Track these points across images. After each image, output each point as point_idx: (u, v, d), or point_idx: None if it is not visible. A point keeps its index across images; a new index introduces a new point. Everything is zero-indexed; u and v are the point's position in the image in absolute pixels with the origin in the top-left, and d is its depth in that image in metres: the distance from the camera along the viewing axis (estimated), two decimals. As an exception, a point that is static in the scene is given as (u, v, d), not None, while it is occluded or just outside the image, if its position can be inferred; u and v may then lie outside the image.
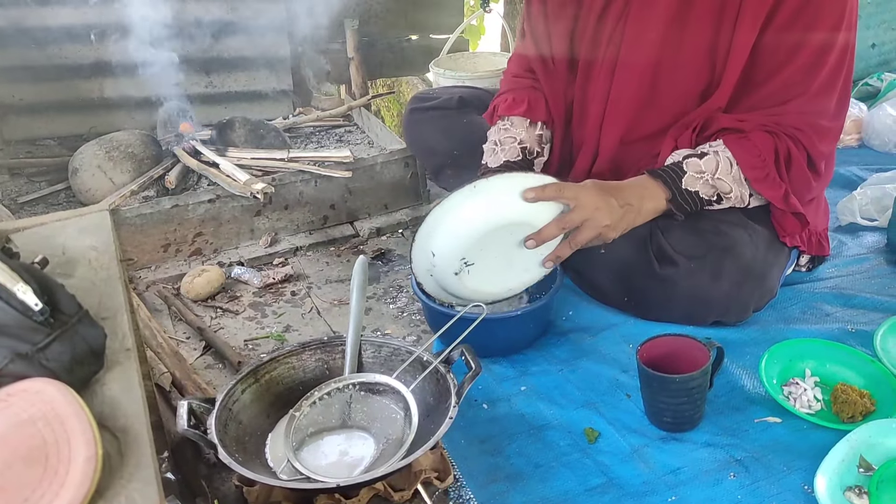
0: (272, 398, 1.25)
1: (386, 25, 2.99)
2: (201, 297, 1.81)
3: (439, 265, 1.37)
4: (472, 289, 1.40)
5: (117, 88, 2.55)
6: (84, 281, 1.04)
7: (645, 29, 1.47)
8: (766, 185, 1.42)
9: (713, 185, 1.42)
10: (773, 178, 1.42)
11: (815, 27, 1.37)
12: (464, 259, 1.35)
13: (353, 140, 2.53)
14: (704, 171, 1.41)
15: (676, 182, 1.41)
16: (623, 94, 1.53)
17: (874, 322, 1.46)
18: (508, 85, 1.74)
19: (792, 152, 1.42)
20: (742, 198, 1.44)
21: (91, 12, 2.44)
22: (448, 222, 1.32)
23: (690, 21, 1.43)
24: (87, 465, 0.72)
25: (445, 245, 1.34)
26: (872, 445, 1.13)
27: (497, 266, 1.39)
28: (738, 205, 1.45)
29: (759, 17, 1.38)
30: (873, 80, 2.76)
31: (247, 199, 2.00)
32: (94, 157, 2.13)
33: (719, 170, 1.41)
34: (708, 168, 1.41)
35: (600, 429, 1.28)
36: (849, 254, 1.79)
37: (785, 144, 1.41)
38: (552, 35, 1.64)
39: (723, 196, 1.43)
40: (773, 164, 1.41)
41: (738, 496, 1.13)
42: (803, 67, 1.40)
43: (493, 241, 1.34)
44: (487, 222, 1.31)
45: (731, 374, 1.38)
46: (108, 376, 0.88)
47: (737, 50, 1.41)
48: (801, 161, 1.43)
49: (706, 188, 1.42)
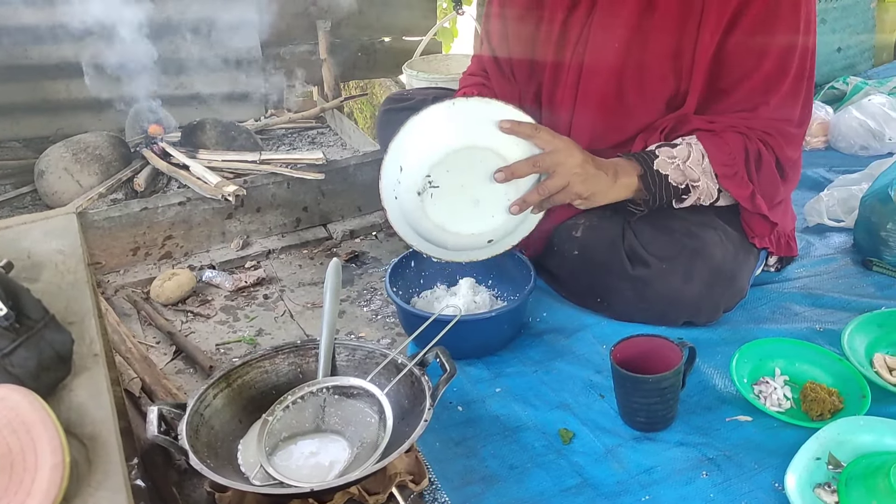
0: (244, 403, 1.24)
1: (358, 27, 2.98)
2: (172, 301, 1.78)
3: (404, 182, 1.33)
4: (436, 223, 1.35)
5: (84, 89, 2.51)
6: (50, 285, 1.02)
7: (609, 35, 1.47)
8: (734, 182, 1.44)
9: (683, 172, 1.42)
10: (741, 176, 1.43)
11: (777, 33, 1.39)
12: (429, 177, 1.31)
13: (325, 142, 2.52)
14: (676, 157, 1.42)
15: (648, 162, 1.42)
16: (590, 102, 1.53)
17: (842, 321, 1.48)
18: (463, 83, 1.77)
19: (762, 154, 1.44)
20: (710, 192, 1.45)
21: (57, 12, 2.40)
22: (419, 133, 1.31)
23: (653, 27, 1.44)
24: (54, 473, 0.71)
25: (414, 158, 1.31)
26: (841, 443, 1.15)
27: (462, 201, 1.35)
28: (706, 199, 1.46)
29: (720, 23, 1.39)
30: (839, 84, 2.81)
31: (218, 201, 1.98)
32: (61, 159, 2.10)
33: (690, 158, 1.42)
34: (680, 155, 1.42)
35: (574, 429, 1.29)
36: (816, 254, 1.82)
37: (755, 146, 1.43)
38: (510, 38, 1.65)
39: (691, 186, 1.44)
40: (742, 164, 1.43)
41: (711, 494, 1.14)
42: (769, 74, 1.42)
43: (461, 164, 1.31)
44: (458, 139, 1.29)
45: (702, 374, 1.39)
46: (75, 382, 0.86)
47: (701, 56, 1.42)
48: (770, 163, 1.45)
49: (676, 174, 1.42)
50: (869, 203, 1.76)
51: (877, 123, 2.37)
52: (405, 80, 2.79)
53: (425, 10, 3.09)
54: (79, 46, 2.44)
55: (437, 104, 1.30)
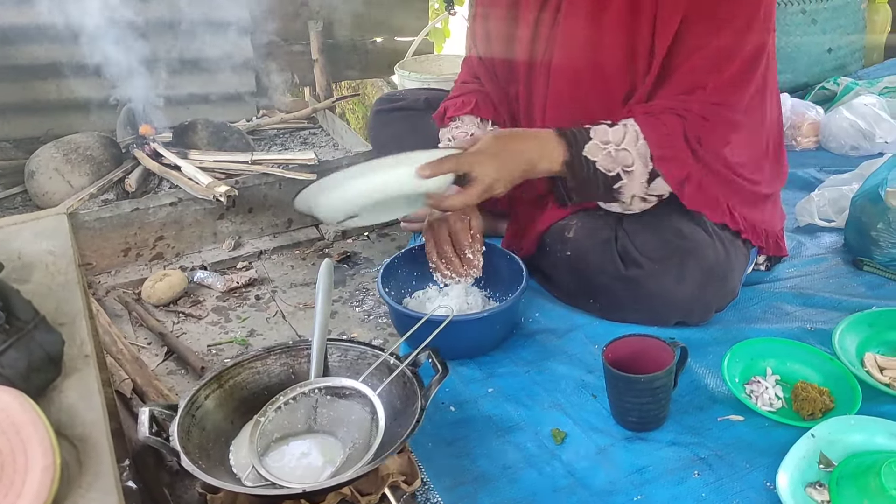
0: (236, 404, 1.23)
1: (350, 27, 2.98)
2: (163, 302, 1.78)
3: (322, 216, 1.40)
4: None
5: (75, 90, 2.50)
6: (41, 286, 1.02)
7: (573, 35, 1.48)
8: (672, 165, 1.41)
9: (615, 158, 1.40)
10: (682, 159, 1.41)
11: (731, 17, 1.37)
12: (350, 215, 1.37)
13: (317, 142, 2.51)
14: (610, 142, 1.40)
15: (579, 146, 1.41)
16: (559, 97, 1.54)
17: (832, 321, 1.48)
18: (457, 90, 1.76)
19: (703, 137, 1.41)
20: (641, 178, 1.42)
21: (48, 12, 2.39)
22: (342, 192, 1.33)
23: (608, 24, 1.43)
24: (45, 474, 0.70)
25: (332, 207, 1.35)
26: (832, 442, 1.15)
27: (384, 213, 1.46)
28: (637, 190, 1.43)
29: (675, 20, 1.38)
30: (830, 84, 2.81)
31: (209, 202, 1.97)
32: (52, 159, 2.09)
33: (625, 140, 1.40)
34: (614, 138, 1.40)
35: (567, 429, 1.29)
36: (807, 254, 1.83)
37: (695, 129, 1.40)
38: (491, 39, 1.66)
39: (623, 172, 1.41)
40: (682, 145, 1.40)
41: (703, 494, 1.14)
42: (715, 54, 1.38)
43: (385, 204, 1.36)
44: (381, 193, 1.32)
45: (694, 374, 1.39)
46: (65, 383, 0.86)
47: (659, 53, 1.41)
48: (715, 145, 1.42)
49: (606, 161, 1.40)
50: (859, 203, 1.77)
51: (867, 124, 2.38)
52: (397, 80, 2.79)
53: (417, 10, 3.09)
54: (69, 47, 2.42)
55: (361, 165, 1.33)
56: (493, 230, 1.81)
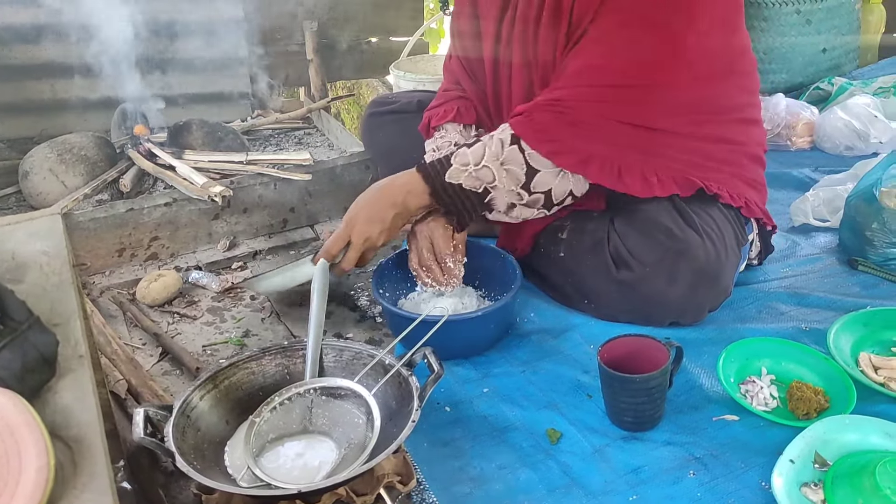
0: (231, 404, 1.23)
1: (345, 28, 2.98)
2: (158, 303, 1.77)
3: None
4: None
5: (69, 90, 2.50)
6: (35, 287, 1.01)
7: (523, 33, 1.51)
8: (565, 156, 1.42)
9: (476, 177, 1.44)
10: (570, 146, 1.41)
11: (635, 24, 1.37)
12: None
13: (312, 142, 2.51)
14: (469, 163, 1.44)
15: (440, 176, 1.45)
16: (518, 96, 1.56)
17: (827, 320, 1.49)
18: (440, 98, 1.77)
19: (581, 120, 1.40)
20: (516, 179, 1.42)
21: (42, 12, 2.39)
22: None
23: (543, 25, 1.46)
24: (39, 475, 0.70)
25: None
26: (827, 442, 1.15)
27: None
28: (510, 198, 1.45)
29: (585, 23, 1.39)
30: (824, 84, 2.82)
31: (204, 202, 1.97)
32: (46, 159, 2.08)
33: (485, 156, 1.43)
34: (473, 159, 1.43)
35: (562, 429, 1.29)
36: (802, 254, 1.83)
37: (570, 116, 1.40)
38: (464, 37, 1.69)
39: (488, 187, 1.44)
40: (566, 136, 1.41)
41: (698, 494, 1.15)
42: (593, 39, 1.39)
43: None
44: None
45: (689, 374, 1.40)
46: (60, 384, 0.86)
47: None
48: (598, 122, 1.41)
49: (470, 181, 1.44)
50: (854, 203, 1.78)
51: (861, 124, 2.39)
52: (392, 80, 2.79)
53: (412, 10, 3.09)
54: (64, 46, 2.42)
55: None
56: (487, 230, 1.81)
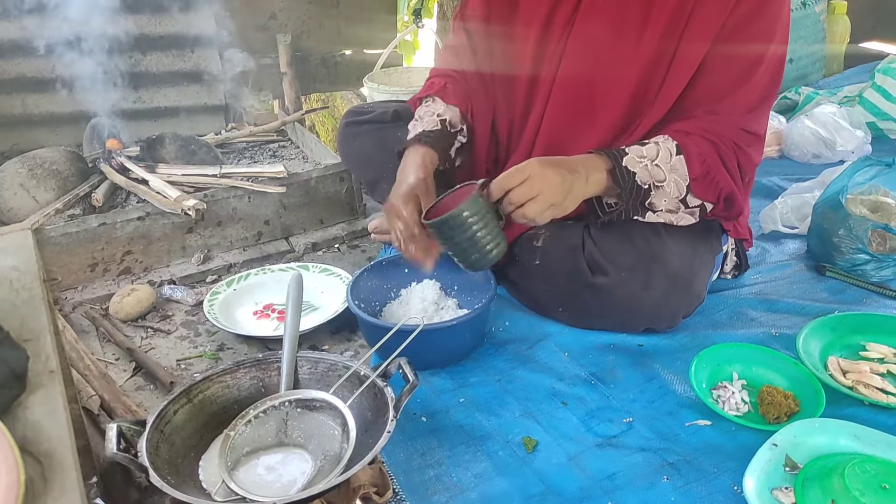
0: (206, 418, 1.23)
1: (319, 40, 2.99)
2: (131, 318, 1.76)
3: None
4: None
5: (40, 104, 2.48)
6: (5, 303, 1.00)
7: (587, 44, 1.49)
8: (705, 184, 1.44)
9: (650, 172, 1.42)
10: (712, 179, 1.44)
11: (754, 39, 1.42)
12: None
13: (287, 155, 2.51)
14: (645, 156, 1.42)
15: (618, 159, 1.42)
16: (560, 112, 1.55)
17: (796, 326, 1.51)
18: (431, 74, 1.75)
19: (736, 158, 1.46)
20: (679, 190, 1.44)
21: (13, 26, 2.37)
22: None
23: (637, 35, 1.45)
24: (9, 491, 0.69)
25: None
26: (797, 445, 1.17)
27: None
28: (674, 206, 1.46)
29: (713, 29, 1.40)
30: (791, 94, 2.87)
31: (178, 216, 1.96)
32: (16, 174, 2.06)
33: (659, 157, 1.43)
34: (649, 154, 1.43)
35: (538, 437, 1.29)
36: (772, 260, 1.86)
37: (728, 150, 1.44)
38: (487, 52, 1.65)
39: (655, 185, 1.43)
40: (717, 166, 1.43)
41: (672, 498, 1.16)
42: (736, 78, 1.43)
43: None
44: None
45: (662, 380, 1.41)
46: (30, 399, 0.85)
47: (682, 64, 1.43)
48: (748, 168, 1.49)
49: (644, 173, 1.42)
50: (821, 210, 1.81)
51: (828, 132, 2.44)
52: (366, 92, 2.80)
53: (386, 23, 3.10)
54: (35, 61, 2.40)
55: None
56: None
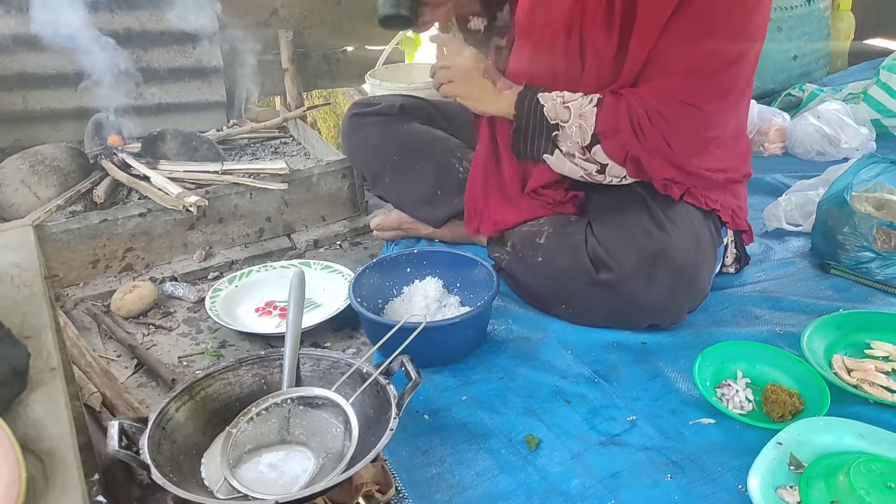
0: (208, 415, 1.22)
1: (321, 36, 2.98)
2: (133, 314, 1.76)
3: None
4: None
5: (42, 100, 2.47)
6: (6, 299, 1.00)
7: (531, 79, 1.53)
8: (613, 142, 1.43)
9: (556, 110, 1.46)
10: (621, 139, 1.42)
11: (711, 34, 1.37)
12: None
13: (288, 152, 2.50)
14: (563, 98, 1.46)
15: (535, 90, 1.50)
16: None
17: (801, 324, 1.51)
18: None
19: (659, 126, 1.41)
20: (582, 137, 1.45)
21: (13, 21, 2.36)
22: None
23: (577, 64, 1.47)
24: (10, 490, 0.69)
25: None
26: (802, 443, 1.16)
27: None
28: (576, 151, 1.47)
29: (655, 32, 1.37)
30: (795, 91, 2.86)
31: (179, 212, 1.95)
32: (18, 171, 2.05)
33: (575, 101, 1.45)
34: (569, 98, 1.46)
35: (541, 435, 1.29)
36: (776, 258, 1.85)
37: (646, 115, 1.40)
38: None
39: (561, 124, 1.46)
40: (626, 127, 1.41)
41: (675, 497, 1.15)
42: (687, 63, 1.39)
43: None
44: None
45: (666, 378, 1.41)
46: (31, 397, 0.84)
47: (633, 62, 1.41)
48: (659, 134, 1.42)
49: (552, 109, 1.47)
50: (826, 208, 1.80)
51: (832, 129, 2.43)
52: (368, 89, 2.79)
53: (388, 19, 3.09)
54: (36, 57, 2.40)
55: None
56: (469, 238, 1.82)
